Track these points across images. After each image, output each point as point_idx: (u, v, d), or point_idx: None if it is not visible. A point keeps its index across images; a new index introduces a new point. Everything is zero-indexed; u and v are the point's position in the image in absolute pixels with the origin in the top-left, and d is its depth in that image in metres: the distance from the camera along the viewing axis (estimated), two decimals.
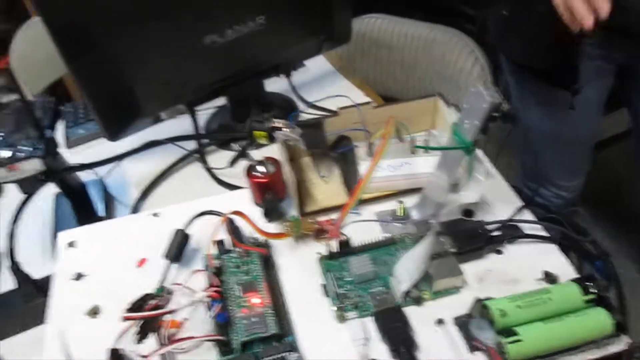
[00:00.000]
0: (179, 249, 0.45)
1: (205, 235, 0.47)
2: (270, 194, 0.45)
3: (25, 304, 0.69)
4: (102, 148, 0.84)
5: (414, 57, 1.16)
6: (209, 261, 0.43)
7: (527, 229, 0.46)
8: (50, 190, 0.78)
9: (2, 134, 0.72)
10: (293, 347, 0.39)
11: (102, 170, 0.89)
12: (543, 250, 0.45)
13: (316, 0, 0.88)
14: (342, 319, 0.41)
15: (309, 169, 0.50)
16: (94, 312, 0.44)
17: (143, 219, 0.51)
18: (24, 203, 0.70)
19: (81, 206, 0.82)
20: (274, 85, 0.97)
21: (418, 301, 0.42)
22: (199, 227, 0.47)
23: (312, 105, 0.96)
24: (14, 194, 0.70)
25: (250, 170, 0.46)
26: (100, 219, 0.81)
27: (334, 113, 0.50)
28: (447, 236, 0.44)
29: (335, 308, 0.42)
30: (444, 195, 0.45)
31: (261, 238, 0.46)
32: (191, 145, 0.91)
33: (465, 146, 0.41)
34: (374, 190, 0.49)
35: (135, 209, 0.84)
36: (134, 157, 0.89)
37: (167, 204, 0.84)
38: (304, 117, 0.50)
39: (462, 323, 0.40)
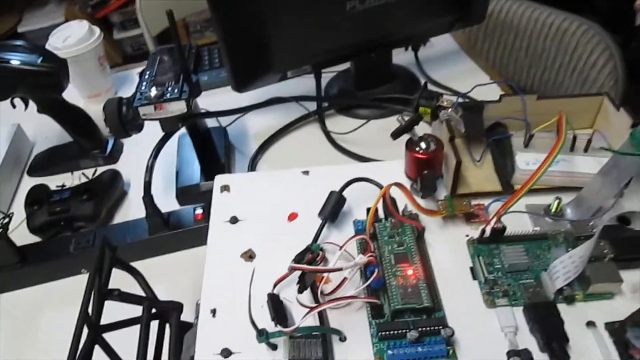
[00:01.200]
0: (334, 210, 0.47)
1: (357, 200, 0.49)
2: (429, 171, 0.46)
3: (151, 234, 0.75)
4: (223, 98, 0.88)
5: (542, 45, 1.12)
6: (368, 227, 0.45)
7: None
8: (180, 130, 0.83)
9: (148, 73, 0.77)
10: (444, 323, 0.40)
11: (224, 120, 0.94)
12: None
13: None
14: (491, 304, 0.42)
15: (463, 151, 0.50)
16: (249, 255, 0.47)
17: (293, 174, 0.54)
18: (163, 141, 0.74)
19: (205, 150, 0.87)
20: (398, 57, 0.97)
21: (570, 300, 0.42)
22: (351, 191, 0.49)
23: (435, 83, 0.96)
24: (152, 130, 0.74)
25: (411, 145, 0.47)
26: (222, 164, 0.86)
27: (498, 100, 0.49)
28: (605, 240, 0.44)
29: (485, 292, 0.43)
30: (607, 201, 0.44)
31: (413, 212, 0.47)
32: (312, 107, 0.94)
33: None
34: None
35: (253, 160, 0.88)
36: (256, 111, 0.92)
37: (283, 160, 0.88)
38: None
39: (615, 330, 0.40)
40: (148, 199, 0.73)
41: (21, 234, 0.79)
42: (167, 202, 0.79)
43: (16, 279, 0.74)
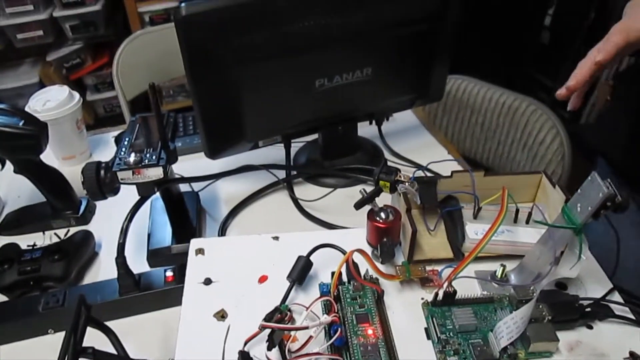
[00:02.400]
0: (301, 273, 0.52)
1: (323, 264, 0.54)
2: (388, 239, 0.52)
3: (122, 294, 0.77)
4: (196, 163, 0.93)
5: (495, 122, 1.22)
6: (332, 289, 0.49)
7: (617, 309, 0.51)
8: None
9: (127, 139, 0.82)
10: None
11: (197, 185, 0.98)
12: (630, 331, 0.50)
13: (420, 59, 0.96)
14: None
15: (419, 221, 0.56)
16: (221, 315, 0.50)
17: (264, 240, 0.58)
18: (139, 204, 0.78)
19: (177, 214, 0.90)
20: (363, 130, 1.05)
21: (513, 358, 0.47)
22: (317, 256, 0.54)
23: (397, 155, 1.03)
24: (124, 193, 0.78)
25: (372, 215, 0.52)
26: (193, 228, 0.89)
27: (450, 175, 0.56)
28: (544, 304, 0.49)
29: (438, 351, 0.47)
30: (545, 267, 0.50)
31: (374, 276, 0.52)
32: (281, 174, 1.00)
33: (575, 227, 0.47)
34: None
35: (224, 224, 0.92)
36: (227, 177, 0.97)
37: (253, 225, 0.92)
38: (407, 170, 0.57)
39: None
40: (121, 260, 0.76)
41: None
42: (137, 263, 0.82)
43: None
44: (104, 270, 0.87)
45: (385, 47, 0.91)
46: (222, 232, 0.90)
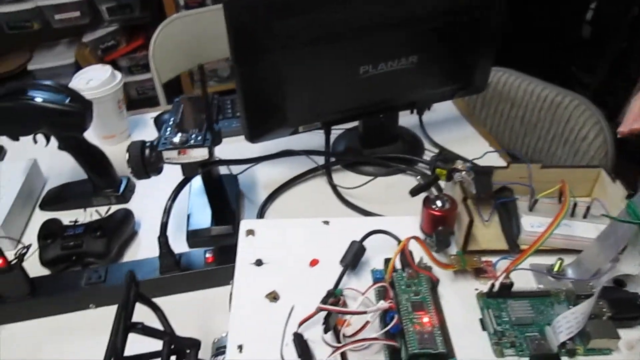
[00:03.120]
0: (355, 258, 0.51)
1: (374, 251, 0.53)
2: (443, 227, 0.51)
3: (162, 273, 0.78)
4: (234, 147, 0.92)
5: (536, 116, 1.20)
6: (388, 275, 0.48)
7: None
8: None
9: (171, 119, 0.82)
10: None
11: (236, 168, 0.98)
12: None
13: (465, 49, 0.94)
14: (500, 353, 0.46)
15: (473, 211, 0.55)
16: (273, 296, 0.50)
17: (314, 224, 0.58)
18: (182, 184, 0.78)
19: (216, 196, 0.90)
20: (403, 119, 1.03)
21: (571, 354, 0.46)
22: (368, 242, 0.53)
23: (437, 146, 1.02)
24: (163, 174, 0.78)
25: (428, 202, 0.52)
26: (232, 211, 0.90)
27: (505, 166, 0.55)
28: (604, 300, 0.48)
29: (494, 343, 0.46)
30: (605, 264, 0.49)
31: (427, 265, 0.51)
32: (320, 161, 0.99)
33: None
34: (530, 243, 0.53)
35: (262, 208, 0.92)
36: (266, 161, 0.97)
37: (291, 210, 0.92)
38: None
39: None
40: (163, 239, 0.76)
41: (31, 266, 0.81)
42: (175, 243, 0.82)
43: (25, 310, 0.76)
44: (143, 248, 0.87)
45: (432, 35, 0.89)
46: (261, 215, 0.90)
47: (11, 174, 0.96)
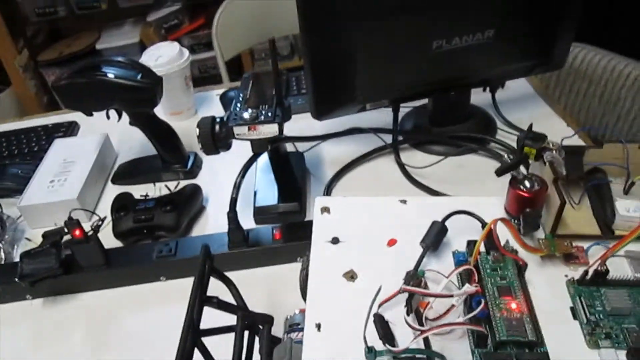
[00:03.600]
0: (436, 239, 0.49)
1: (455, 232, 0.51)
2: (531, 209, 0.48)
3: (231, 248, 0.78)
4: (300, 124, 0.91)
5: (617, 94, 1.13)
6: (474, 258, 0.46)
7: None
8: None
9: (240, 95, 0.81)
10: (547, 358, 0.41)
11: (302, 146, 0.97)
12: None
13: (545, 22, 0.89)
14: (594, 344, 0.43)
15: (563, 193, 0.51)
16: (350, 276, 0.49)
17: (391, 203, 0.56)
18: (252, 161, 0.78)
19: (283, 174, 0.90)
20: (474, 97, 0.99)
21: None
22: (449, 223, 0.51)
23: (511, 125, 0.97)
24: (241, 149, 0.78)
25: (515, 183, 0.49)
26: (298, 188, 0.89)
27: (598, 144, 0.51)
28: None
29: (587, 333, 0.43)
30: None
31: (513, 248, 0.48)
32: (387, 139, 0.97)
33: None
34: (627, 228, 0.49)
35: (329, 187, 0.91)
36: (333, 139, 0.95)
37: (358, 188, 0.90)
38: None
39: None
40: (232, 214, 0.76)
41: (104, 238, 0.83)
42: (242, 219, 0.82)
43: (100, 280, 0.78)
44: (211, 223, 0.88)
45: (510, 7, 0.85)
46: (327, 193, 0.89)
47: (85, 148, 0.98)
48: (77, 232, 0.75)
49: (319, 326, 0.46)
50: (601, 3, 1.65)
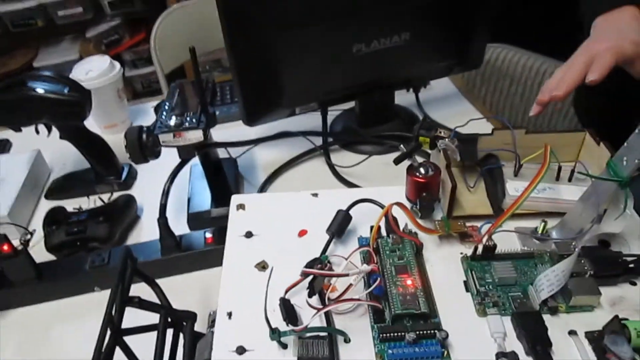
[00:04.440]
0: (341, 226, 0.53)
1: (361, 219, 0.55)
2: (427, 194, 0.52)
3: (164, 255, 0.80)
4: (234, 132, 0.94)
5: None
6: (372, 240, 0.50)
7: None
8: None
9: (167, 104, 0.83)
10: (439, 327, 0.45)
11: (235, 151, 1.00)
12: None
13: (459, 24, 0.94)
14: (482, 312, 0.47)
15: (458, 178, 0.56)
16: (262, 266, 0.52)
17: (303, 197, 0.59)
18: (179, 167, 0.80)
19: (216, 179, 0.92)
20: (400, 98, 1.04)
21: (553, 311, 0.47)
22: (355, 211, 0.55)
23: (434, 122, 1.02)
24: (164, 160, 0.80)
25: (411, 170, 0.53)
26: (231, 193, 0.91)
27: (490, 133, 0.55)
28: (586, 259, 0.49)
29: (477, 303, 0.48)
30: (587, 223, 0.50)
31: (413, 231, 0.52)
32: (317, 141, 1.00)
33: (621, 180, 0.46)
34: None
35: (261, 190, 0.93)
36: (265, 144, 0.99)
37: (289, 190, 0.93)
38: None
39: (594, 338, 0.45)
40: (163, 220, 0.78)
41: (37, 253, 0.83)
42: (178, 226, 0.84)
43: (32, 294, 0.79)
44: (145, 232, 0.90)
45: (422, 11, 0.90)
46: None
47: (16, 165, 0.98)
48: (5, 247, 0.75)
49: (230, 314, 0.48)
50: (518, 5, 1.74)
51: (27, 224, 0.93)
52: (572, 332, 0.46)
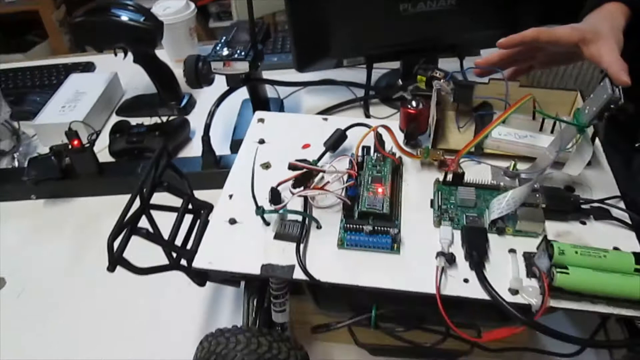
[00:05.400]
0: (336, 142, 0.63)
1: (356, 141, 0.65)
2: (413, 124, 0.61)
3: (203, 169, 0.93)
4: (287, 77, 1.05)
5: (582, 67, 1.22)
6: (356, 151, 0.60)
7: (617, 214, 0.56)
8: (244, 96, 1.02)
9: (224, 37, 0.96)
10: (394, 226, 0.54)
11: (282, 93, 1.12)
12: (623, 234, 0.55)
13: None
14: (438, 224, 0.56)
15: (451, 118, 0.64)
16: (266, 165, 0.63)
17: (315, 119, 0.70)
18: (227, 93, 0.93)
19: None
20: (447, 64, 1.10)
21: (500, 232, 0.55)
22: (353, 133, 0.64)
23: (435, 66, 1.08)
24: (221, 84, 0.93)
25: (404, 102, 0.62)
26: None
27: (487, 82, 0.63)
28: (543, 194, 0.56)
29: (436, 216, 0.56)
30: (548, 161, 0.57)
31: (397, 154, 0.62)
32: (360, 93, 1.10)
33: (578, 125, 0.53)
34: (495, 147, 0.62)
35: None
36: (311, 89, 1.09)
37: None
38: None
39: (528, 256, 0.52)
40: (206, 138, 0.92)
41: (102, 156, 0.99)
42: (222, 150, 0.97)
43: (93, 187, 0.95)
44: (194, 151, 1.04)
45: None
46: None
47: (96, 83, 1.16)
48: (75, 142, 0.91)
49: (230, 196, 0.60)
50: None
51: (100, 133, 1.10)
52: (511, 250, 0.54)
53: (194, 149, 1.04)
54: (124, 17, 1.01)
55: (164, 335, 0.71)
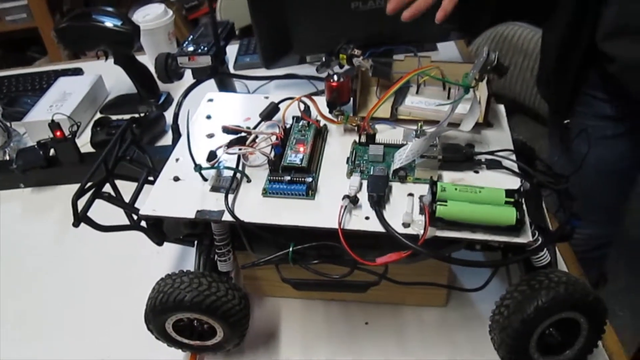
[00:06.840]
0: (270, 113, 0.74)
1: (289, 113, 0.76)
2: (335, 94, 0.72)
3: None
4: (257, 74, 1.17)
5: None
6: (282, 116, 0.71)
7: (509, 165, 0.67)
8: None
9: (192, 36, 1.08)
10: (312, 177, 0.65)
11: (252, 87, 1.24)
12: (511, 180, 0.66)
13: None
14: (349, 175, 0.67)
15: (373, 90, 0.75)
16: (210, 135, 0.75)
17: (258, 98, 0.82)
18: (194, 85, 1.05)
19: None
20: None
21: (402, 179, 0.66)
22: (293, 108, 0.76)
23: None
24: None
25: (328, 77, 0.73)
26: None
27: (401, 59, 0.75)
28: (441, 148, 0.67)
29: (349, 169, 0.67)
30: (444, 119, 0.67)
31: (321, 122, 0.73)
32: (321, 86, 1.21)
33: (464, 85, 0.64)
34: (407, 114, 0.73)
35: None
36: (278, 84, 1.22)
37: None
38: None
39: (422, 198, 0.63)
40: (175, 126, 1.03)
41: (85, 148, 1.11)
42: None
43: (75, 175, 1.06)
44: (168, 143, 1.15)
45: None
46: None
47: (82, 84, 1.29)
48: (58, 133, 1.04)
49: (177, 160, 0.72)
50: None
51: (84, 129, 1.23)
52: (410, 194, 0.65)
53: (169, 140, 1.16)
54: (105, 22, 1.15)
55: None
